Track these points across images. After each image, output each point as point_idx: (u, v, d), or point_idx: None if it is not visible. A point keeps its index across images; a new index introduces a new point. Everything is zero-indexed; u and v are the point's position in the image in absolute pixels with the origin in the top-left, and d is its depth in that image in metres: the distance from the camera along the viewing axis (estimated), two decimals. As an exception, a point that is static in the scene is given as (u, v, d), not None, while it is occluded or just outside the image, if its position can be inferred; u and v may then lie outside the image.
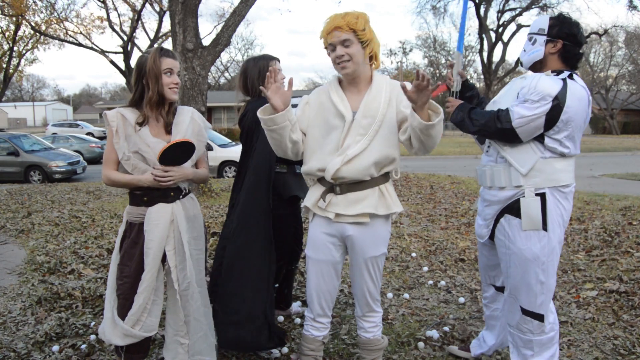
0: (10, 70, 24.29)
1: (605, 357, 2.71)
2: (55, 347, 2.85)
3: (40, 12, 21.84)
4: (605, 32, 27.53)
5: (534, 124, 2.07)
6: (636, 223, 5.71)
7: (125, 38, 24.60)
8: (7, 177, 12.40)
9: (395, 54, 45.88)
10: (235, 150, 11.75)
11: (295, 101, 2.69)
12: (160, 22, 24.41)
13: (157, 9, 23.48)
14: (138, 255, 2.16)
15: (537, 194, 2.13)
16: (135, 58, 2.28)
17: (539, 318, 2.18)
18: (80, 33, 23.42)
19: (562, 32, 2.18)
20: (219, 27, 12.94)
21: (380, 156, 2.03)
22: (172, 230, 2.20)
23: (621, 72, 39.94)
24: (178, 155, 2.14)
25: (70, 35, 23.11)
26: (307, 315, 2.27)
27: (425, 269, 4.27)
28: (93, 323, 3.17)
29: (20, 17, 20.82)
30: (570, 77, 2.13)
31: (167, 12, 13.08)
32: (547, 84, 2.07)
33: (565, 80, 2.09)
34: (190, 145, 2.15)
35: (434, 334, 2.98)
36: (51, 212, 7.24)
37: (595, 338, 2.92)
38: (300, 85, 60.10)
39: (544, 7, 26.48)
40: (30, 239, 5.62)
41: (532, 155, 2.13)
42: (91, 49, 23.42)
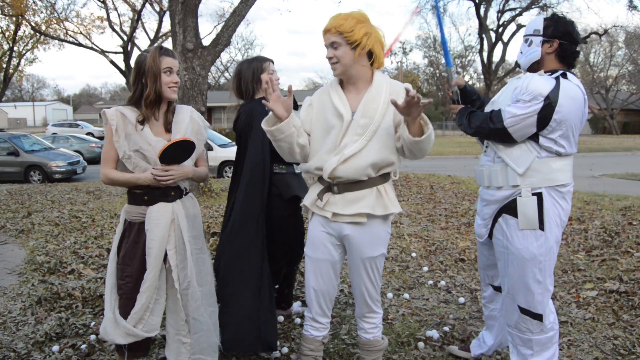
0: (10, 70, 24.30)
1: (605, 357, 2.71)
2: (55, 347, 2.85)
3: (40, 12, 21.88)
4: (605, 32, 27.51)
5: (526, 123, 2.07)
6: (636, 223, 5.71)
7: (125, 38, 24.61)
8: (7, 177, 12.39)
9: (395, 54, 45.92)
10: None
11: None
12: (160, 22, 24.43)
13: (157, 9, 23.51)
14: (140, 255, 2.16)
15: (533, 194, 2.13)
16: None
17: (538, 317, 2.18)
18: (80, 33, 23.46)
19: (558, 32, 2.19)
20: (219, 27, 12.94)
21: (378, 158, 2.03)
22: (173, 230, 2.19)
23: (621, 72, 39.97)
24: (178, 154, 2.14)
25: (70, 35, 23.14)
26: (307, 315, 2.27)
27: (425, 269, 4.27)
28: (93, 323, 3.17)
29: (20, 17, 20.82)
30: (564, 76, 2.12)
31: (167, 12, 13.07)
32: (539, 84, 2.08)
33: (557, 80, 2.09)
34: (190, 143, 2.15)
35: (434, 334, 2.98)
36: (51, 212, 7.24)
37: (595, 338, 2.92)
38: (300, 85, 60.11)
39: (544, 7, 26.45)
40: (30, 239, 5.62)
41: (529, 155, 2.14)
42: (91, 49, 23.44)
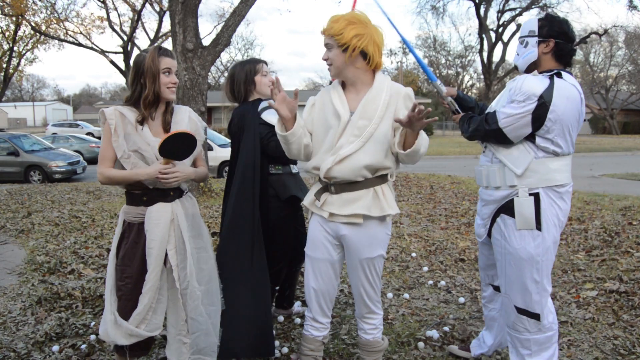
0: (10, 70, 24.29)
1: (605, 357, 2.71)
2: (55, 347, 2.85)
3: (40, 12, 21.88)
4: (605, 32, 27.51)
5: (520, 123, 2.07)
6: (636, 223, 5.71)
7: (125, 38, 24.62)
8: (7, 177, 12.39)
9: (395, 54, 45.93)
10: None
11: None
12: (160, 22, 24.43)
13: (157, 9, 23.52)
14: (140, 256, 2.15)
15: (530, 194, 2.14)
16: (135, 58, 2.26)
17: (535, 317, 2.18)
18: (80, 33, 23.46)
19: (553, 31, 2.20)
20: (219, 27, 12.94)
21: (373, 161, 2.02)
22: (173, 230, 2.19)
23: (621, 72, 39.97)
24: (178, 148, 2.10)
25: (70, 35, 23.14)
26: (307, 315, 2.27)
27: (425, 269, 4.27)
28: (93, 323, 3.17)
29: (20, 17, 20.82)
30: (559, 75, 2.12)
31: (167, 12, 13.07)
32: (532, 84, 2.08)
33: (551, 79, 2.10)
34: (191, 138, 2.12)
35: (434, 334, 2.98)
36: (51, 212, 7.24)
37: (595, 338, 2.92)
38: (300, 85, 60.00)
39: (543, 7, 26.46)
40: (30, 239, 5.62)
41: (527, 156, 2.14)
42: (91, 49, 23.45)
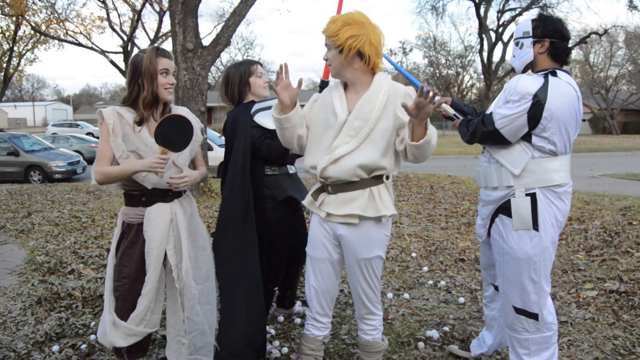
0: (10, 70, 24.27)
1: (605, 357, 2.71)
2: (55, 347, 2.85)
3: (40, 12, 21.87)
4: (605, 32, 27.48)
5: (517, 122, 2.08)
6: (636, 223, 5.71)
7: (125, 38, 24.61)
8: (7, 177, 12.38)
9: (395, 54, 45.89)
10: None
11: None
12: (160, 22, 24.42)
13: (157, 9, 23.50)
14: (137, 256, 2.15)
15: (527, 194, 2.14)
16: (134, 58, 2.25)
17: (534, 317, 2.18)
18: (80, 33, 23.44)
19: (547, 30, 2.20)
20: (219, 27, 12.94)
21: (367, 161, 2.01)
22: (172, 229, 2.19)
23: (621, 72, 39.95)
24: (173, 134, 2.08)
25: (70, 35, 23.12)
26: (308, 314, 2.28)
27: (425, 269, 4.27)
28: (93, 323, 3.17)
29: (20, 17, 20.81)
30: (553, 74, 2.12)
31: (167, 12, 13.06)
32: (527, 83, 2.09)
33: (546, 77, 2.10)
34: (186, 122, 2.11)
35: (434, 334, 2.98)
36: (51, 212, 7.24)
37: (595, 338, 2.92)
38: (300, 85, 59.83)
39: (543, 7, 26.45)
40: (30, 239, 5.62)
41: (524, 156, 2.14)
42: (91, 49, 23.44)
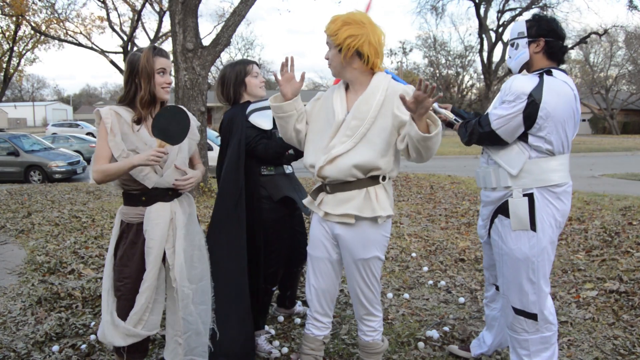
0: (10, 70, 24.26)
1: (605, 357, 2.71)
2: (55, 347, 2.85)
3: (40, 12, 21.86)
4: (605, 32, 27.47)
5: (513, 123, 2.08)
6: (636, 223, 5.71)
7: (125, 38, 24.60)
8: (7, 177, 12.38)
9: (395, 54, 45.83)
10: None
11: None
12: (160, 22, 24.40)
13: (157, 9, 23.48)
14: (138, 256, 2.15)
15: (525, 195, 2.14)
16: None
17: (533, 317, 2.18)
18: (80, 33, 23.44)
19: (542, 30, 2.21)
20: (219, 27, 12.93)
21: (362, 161, 2.00)
22: (172, 229, 2.19)
23: (621, 72, 39.91)
24: (170, 125, 2.07)
25: (70, 35, 23.11)
26: (309, 314, 2.28)
27: (425, 269, 4.27)
28: (93, 323, 3.17)
29: (20, 17, 20.81)
30: (549, 73, 2.13)
31: (167, 12, 13.07)
32: (521, 83, 2.09)
33: (541, 77, 2.10)
34: (183, 114, 2.11)
35: (434, 334, 2.98)
36: (51, 212, 7.24)
37: (595, 338, 2.92)
38: (300, 85, 59.89)
39: (543, 7, 26.45)
40: (30, 239, 5.62)
41: (521, 156, 2.14)
42: (91, 49, 23.43)
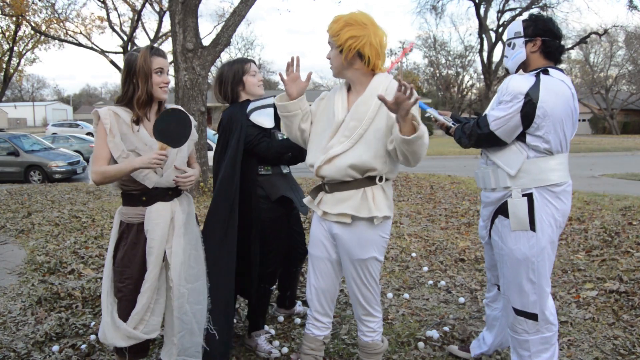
0: (10, 70, 24.26)
1: (605, 357, 2.71)
2: (55, 347, 2.85)
3: (40, 12, 21.86)
4: (605, 32, 27.50)
5: (511, 123, 2.08)
6: (636, 223, 5.71)
7: (125, 38, 24.59)
8: (7, 177, 12.38)
9: (395, 54, 45.79)
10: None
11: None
12: (160, 22, 24.39)
13: (157, 9, 23.48)
14: (140, 256, 2.15)
15: (524, 195, 2.14)
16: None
17: (533, 317, 2.18)
18: (80, 33, 23.44)
19: (539, 29, 2.21)
20: (219, 27, 12.93)
21: (358, 161, 2.00)
22: (172, 228, 2.19)
23: (621, 72, 39.91)
24: (172, 128, 2.07)
25: (70, 35, 23.11)
26: (309, 313, 2.28)
27: (425, 269, 4.27)
28: (93, 323, 3.17)
29: (20, 17, 20.80)
30: (545, 72, 2.13)
31: (167, 12, 13.06)
32: (518, 83, 2.09)
33: (537, 76, 2.10)
34: (184, 116, 2.11)
35: (434, 334, 2.98)
36: (51, 212, 7.24)
37: (595, 338, 2.92)
38: (300, 85, 59.77)
39: (543, 7, 26.47)
40: (30, 239, 5.62)
41: (519, 156, 2.14)
42: (91, 49, 23.43)
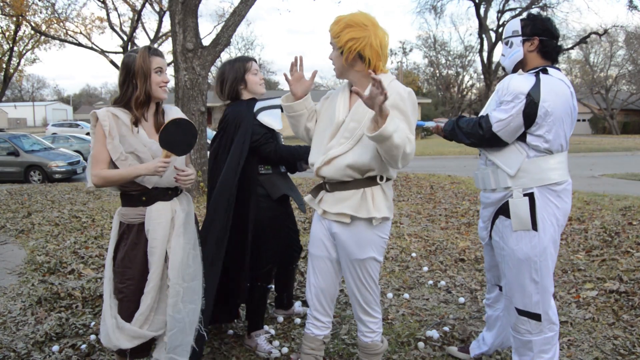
0: (10, 70, 24.26)
1: (605, 357, 2.71)
2: (55, 347, 2.85)
3: (40, 12, 21.87)
4: (605, 32, 27.50)
5: (513, 124, 2.09)
6: (636, 223, 5.71)
7: (125, 38, 24.61)
8: (7, 177, 12.39)
9: (395, 54, 45.89)
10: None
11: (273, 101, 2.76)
12: (160, 22, 24.41)
13: (157, 9, 23.51)
14: (141, 257, 2.14)
15: (525, 194, 2.14)
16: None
17: (536, 317, 2.18)
18: (81, 33, 23.46)
19: (537, 29, 2.21)
20: (219, 27, 12.93)
21: (357, 162, 2.00)
22: (173, 228, 2.19)
23: (621, 72, 39.88)
24: (178, 137, 2.07)
25: (70, 35, 23.13)
26: (309, 313, 2.28)
27: (425, 269, 4.27)
28: (93, 323, 3.17)
29: (21, 17, 20.81)
30: (544, 71, 2.13)
31: (167, 12, 13.06)
32: (519, 83, 2.10)
33: (537, 75, 2.10)
34: (190, 126, 2.11)
35: (434, 334, 2.98)
36: (51, 212, 7.24)
37: (595, 338, 2.92)
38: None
39: (544, 7, 26.47)
40: (30, 239, 5.62)
41: (518, 156, 2.14)
42: (91, 49, 23.44)
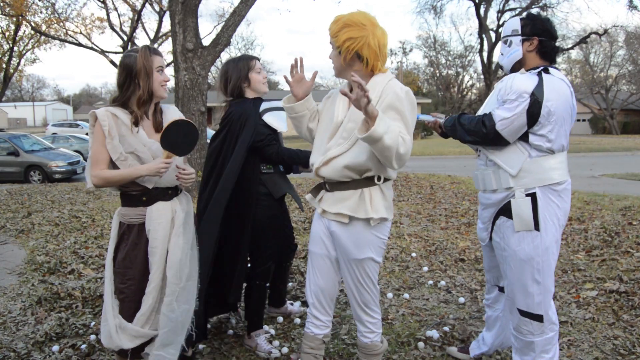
0: (10, 70, 24.26)
1: (605, 357, 2.71)
2: (55, 347, 2.85)
3: (40, 12, 21.87)
4: (605, 32, 27.49)
5: (517, 123, 2.08)
6: (636, 223, 5.71)
7: (125, 38, 24.62)
8: (7, 177, 12.39)
9: (395, 54, 45.89)
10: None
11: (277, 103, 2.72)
12: (160, 22, 24.42)
13: (157, 9, 23.51)
14: (142, 257, 2.15)
15: (527, 194, 2.13)
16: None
17: (538, 318, 2.17)
18: (81, 33, 23.46)
19: (536, 29, 2.22)
20: (219, 27, 12.94)
21: (354, 162, 2.00)
22: (173, 227, 2.19)
23: (621, 72, 39.87)
24: (179, 138, 2.07)
25: (70, 36, 23.13)
26: (309, 312, 2.28)
27: (425, 269, 4.27)
28: (93, 323, 3.17)
29: (21, 17, 20.81)
30: (546, 71, 2.13)
31: (167, 12, 13.07)
32: (522, 82, 2.10)
33: (540, 75, 2.11)
34: (192, 127, 2.11)
35: (434, 334, 2.98)
36: (51, 212, 7.24)
37: (595, 338, 2.92)
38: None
39: (544, 7, 26.46)
40: (30, 239, 5.62)
41: (520, 156, 2.14)
42: (91, 49, 23.45)
